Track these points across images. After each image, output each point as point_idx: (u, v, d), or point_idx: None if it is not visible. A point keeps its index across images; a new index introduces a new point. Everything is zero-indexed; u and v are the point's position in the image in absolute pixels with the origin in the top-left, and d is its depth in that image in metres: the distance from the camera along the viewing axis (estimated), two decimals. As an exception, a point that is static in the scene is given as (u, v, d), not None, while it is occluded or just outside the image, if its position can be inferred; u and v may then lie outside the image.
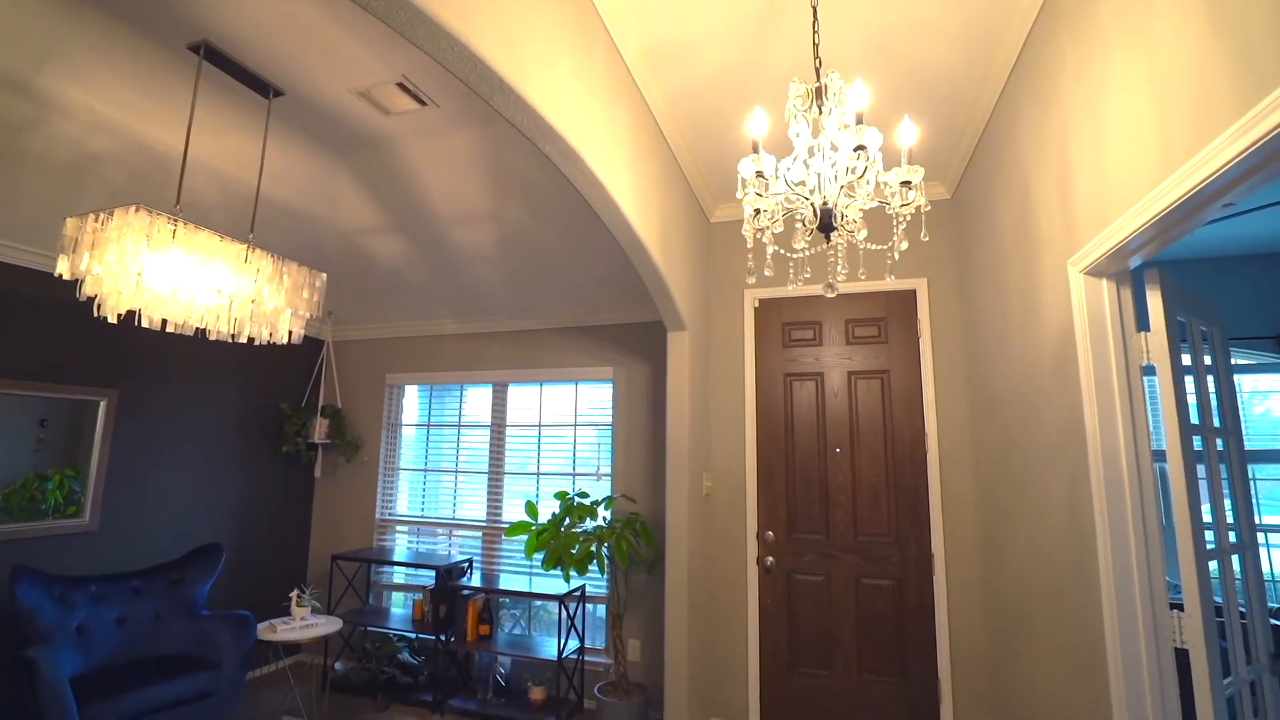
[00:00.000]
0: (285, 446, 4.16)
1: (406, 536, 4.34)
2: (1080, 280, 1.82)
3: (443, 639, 3.60)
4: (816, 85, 1.59)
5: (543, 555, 3.30)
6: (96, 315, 2.08)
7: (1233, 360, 4.38)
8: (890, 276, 1.61)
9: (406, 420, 4.53)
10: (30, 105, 2.43)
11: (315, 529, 4.51)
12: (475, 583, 3.71)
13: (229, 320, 2.41)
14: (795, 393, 3.46)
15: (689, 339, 3.14)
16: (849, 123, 1.52)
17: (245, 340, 2.55)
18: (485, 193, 3.31)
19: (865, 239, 1.58)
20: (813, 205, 1.51)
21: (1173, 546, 2.25)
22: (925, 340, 3.29)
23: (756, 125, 1.55)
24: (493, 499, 4.13)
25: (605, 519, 3.51)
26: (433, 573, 3.89)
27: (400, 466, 4.45)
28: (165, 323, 2.60)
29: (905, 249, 3.41)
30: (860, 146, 1.39)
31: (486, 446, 4.21)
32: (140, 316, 2.21)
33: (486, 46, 1.50)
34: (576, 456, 3.99)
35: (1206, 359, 1.94)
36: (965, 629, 3.05)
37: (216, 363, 3.89)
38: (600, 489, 3.87)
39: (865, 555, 3.24)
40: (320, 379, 4.61)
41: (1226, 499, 1.85)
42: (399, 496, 4.42)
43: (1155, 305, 1.70)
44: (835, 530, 3.29)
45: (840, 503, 3.30)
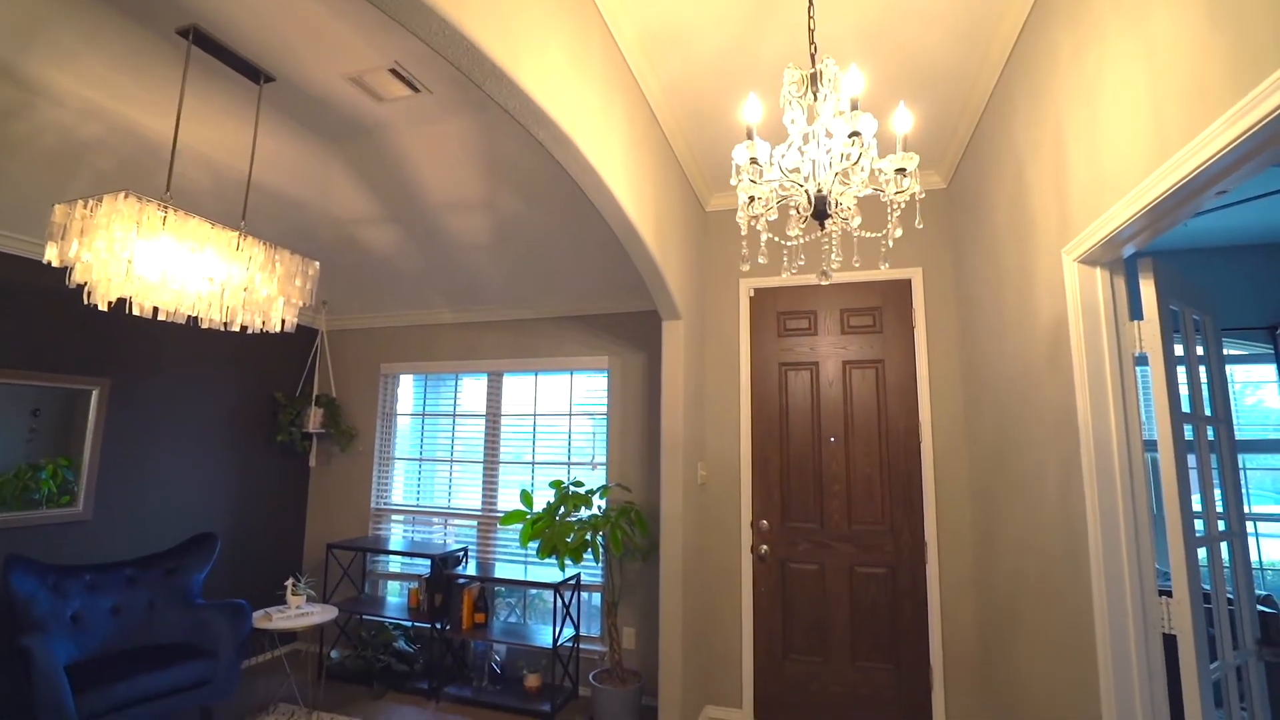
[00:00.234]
0: (280, 436, 4.16)
1: (402, 526, 4.34)
2: (1074, 269, 1.82)
3: (438, 627, 3.61)
4: (812, 71, 1.58)
5: (538, 544, 3.31)
6: (87, 303, 2.06)
7: (1225, 351, 4.41)
8: (885, 264, 1.60)
9: (402, 410, 4.52)
10: (16, 91, 2.40)
11: (310, 518, 4.51)
12: (470, 571, 3.72)
13: (221, 308, 2.39)
14: (790, 382, 3.46)
15: (684, 328, 3.13)
16: (844, 109, 1.51)
17: (238, 329, 2.54)
18: (480, 181, 3.29)
19: (859, 226, 1.58)
20: (807, 192, 1.50)
21: (1162, 535, 2.27)
22: (920, 330, 3.29)
23: (751, 111, 1.54)
24: (488, 488, 4.13)
25: (600, 508, 3.51)
26: (428, 561, 3.90)
27: (395, 456, 4.45)
28: (156, 311, 2.59)
29: (900, 236, 3.41)
30: (855, 133, 1.39)
31: (482, 436, 4.21)
32: (131, 304, 2.19)
33: (478, 30, 1.48)
34: (572, 446, 3.99)
35: (1199, 349, 1.95)
36: (957, 616, 3.08)
37: (209, 352, 3.87)
38: (595, 478, 3.88)
39: (859, 544, 3.26)
40: (314, 368, 4.60)
41: (1216, 488, 1.86)
42: (394, 486, 4.43)
43: (1148, 294, 1.70)
44: (829, 519, 3.31)
45: (834, 492, 3.32)
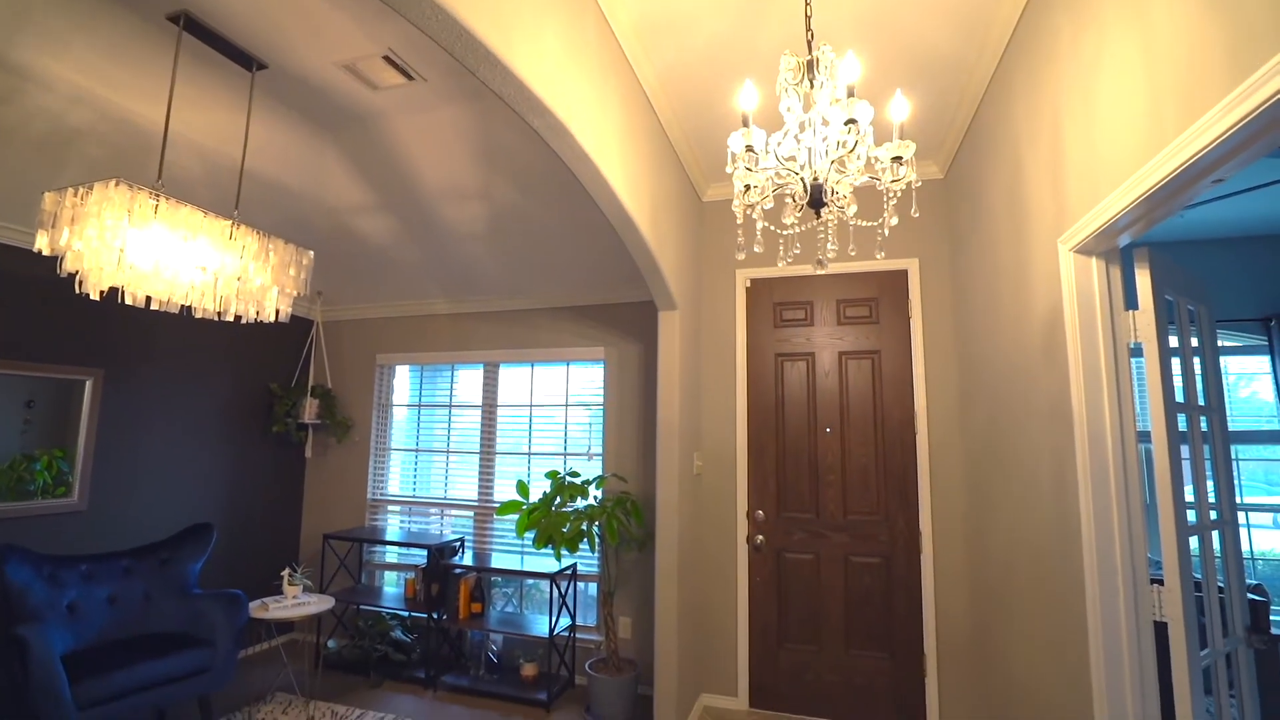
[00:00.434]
0: (275, 427, 4.15)
1: (398, 516, 4.35)
2: (1070, 258, 1.82)
3: (435, 617, 3.63)
4: (808, 58, 1.57)
5: (534, 534, 3.32)
6: (78, 292, 2.05)
7: (1220, 342, 4.42)
8: (880, 254, 1.60)
9: (398, 400, 4.51)
10: (4, 76, 2.37)
11: (307, 509, 4.51)
12: (467, 561, 3.73)
13: (214, 298, 2.38)
14: (786, 373, 3.46)
15: (680, 318, 3.13)
16: (840, 97, 1.50)
17: (232, 319, 2.53)
18: (475, 170, 3.27)
19: (855, 215, 1.57)
20: (803, 181, 1.50)
21: (1155, 524, 2.29)
22: (916, 320, 3.30)
23: (747, 99, 1.53)
24: (484, 479, 4.14)
25: (596, 498, 3.52)
26: (425, 552, 3.91)
27: (391, 447, 4.45)
28: (149, 300, 2.57)
29: (896, 226, 3.41)
30: (851, 120, 1.38)
31: (478, 427, 4.21)
32: (123, 294, 2.18)
33: (471, 15, 1.47)
34: (568, 437, 3.99)
35: (1194, 340, 1.95)
36: (951, 604, 3.10)
37: (204, 342, 3.85)
38: (591, 468, 3.88)
39: (854, 534, 3.27)
40: (310, 359, 4.59)
41: (1209, 478, 1.87)
42: (390, 476, 4.43)
43: (1144, 283, 1.70)
44: (825, 509, 3.32)
45: (830, 482, 3.33)
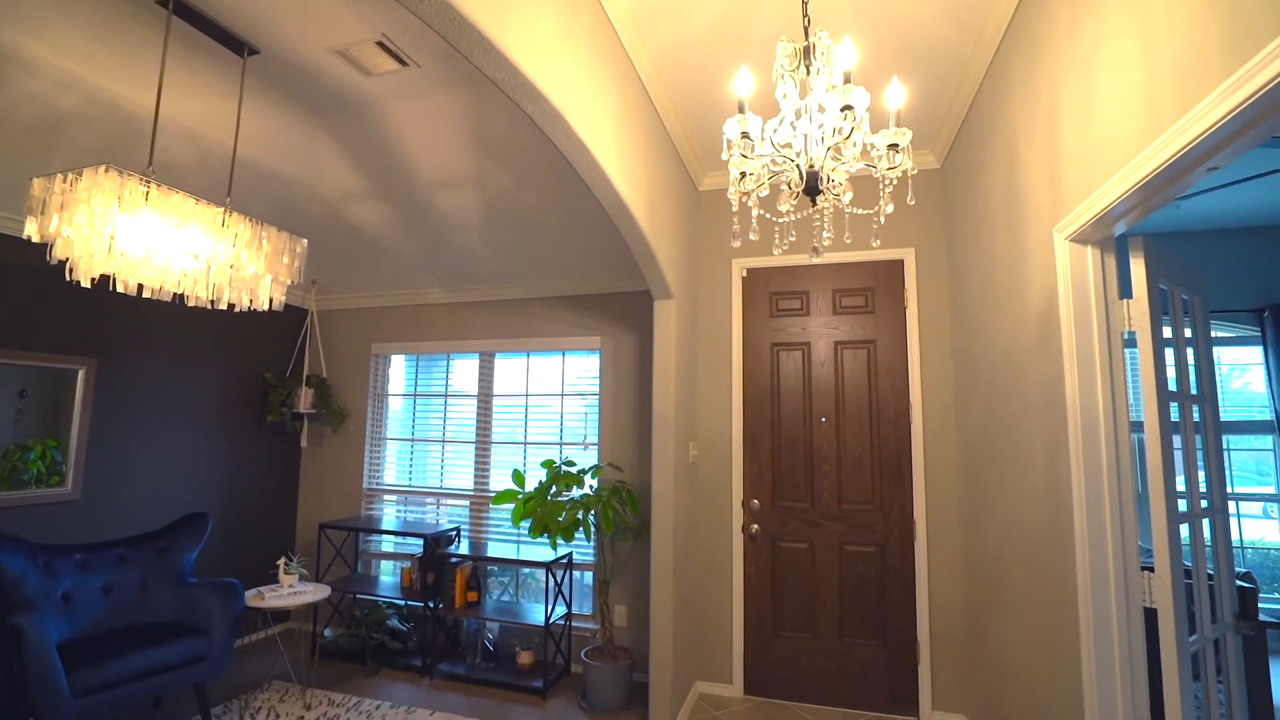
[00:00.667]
0: (270, 416, 4.14)
1: (394, 506, 4.35)
2: (1066, 247, 1.82)
3: (431, 606, 3.64)
4: (805, 44, 1.56)
5: (529, 523, 3.32)
6: (69, 279, 2.03)
7: (1214, 333, 4.44)
8: (876, 242, 1.60)
9: (393, 390, 4.51)
10: (-8, 60, 2.34)
11: (302, 498, 4.51)
12: (463, 551, 3.74)
13: (207, 286, 2.36)
14: (782, 362, 3.47)
15: (676, 308, 3.12)
16: (836, 83, 1.49)
17: (225, 307, 2.51)
18: (470, 158, 3.25)
19: (851, 203, 1.57)
20: (799, 168, 1.49)
21: (1146, 513, 2.30)
22: (912, 310, 3.30)
23: (743, 85, 1.52)
24: (480, 468, 4.14)
25: (592, 487, 3.53)
26: (421, 541, 3.92)
27: (387, 436, 4.45)
28: (141, 288, 2.55)
29: (892, 214, 3.40)
30: (847, 106, 1.37)
31: (474, 416, 4.21)
32: (115, 281, 2.16)
33: (465, -1, 1.45)
34: (564, 426, 3.99)
35: (1187, 331, 1.96)
36: (945, 592, 3.12)
37: (198, 331, 3.83)
38: (587, 458, 3.89)
39: (849, 523, 3.29)
40: (304, 348, 4.57)
41: (1200, 469, 1.88)
42: (386, 466, 4.42)
43: (1138, 272, 1.71)
44: (820, 498, 3.33)
45: (825, 471, 3.34)
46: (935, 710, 3.08)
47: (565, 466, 3.47)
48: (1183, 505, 1.72)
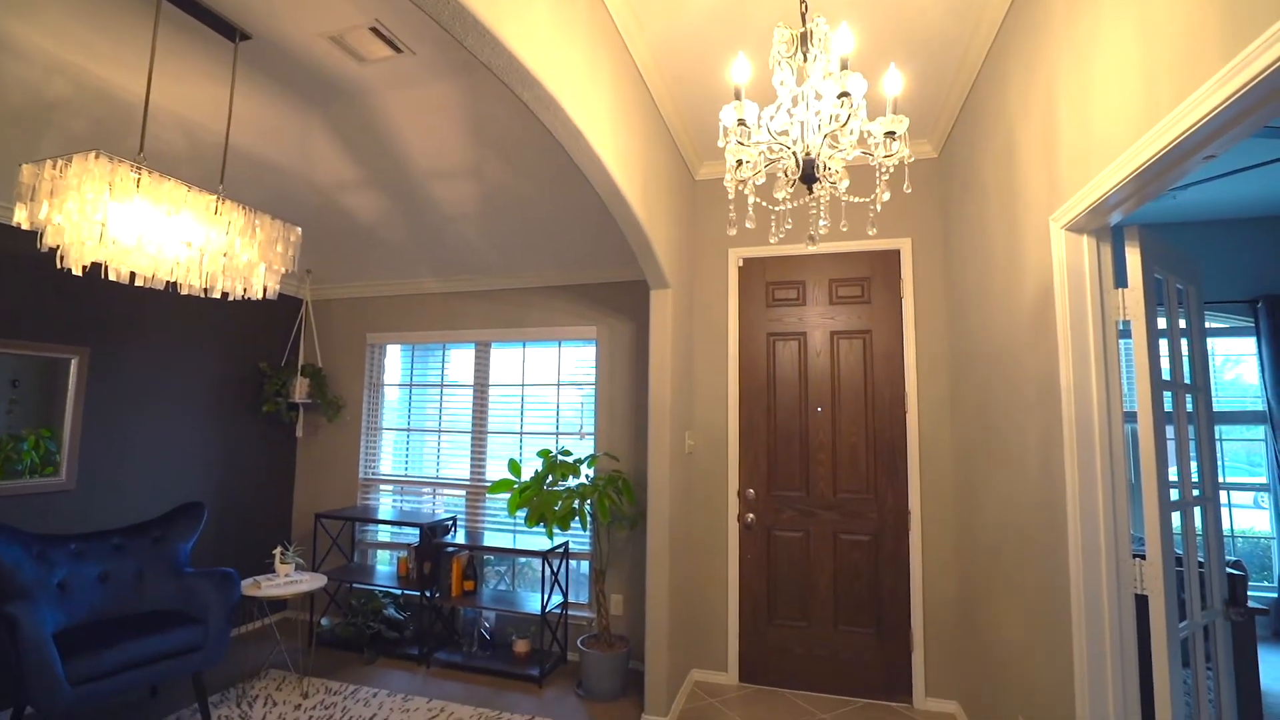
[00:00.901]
0: (266, 406, 4.12)
1: (391, 495, 4.35)
2: (1061, 236, 1.82)
3: (428, 595, 3.65)
4: (802, 31, 1.54)
5: (526, 512, 3.33)
6: (60, 267, 2.01)
7: (1207, 324, 4.46)
8: (872, 230, 1.59)
9: (389, 380, 4.50)
10: (-21, 45, 2.30)
11: (298, 488, 4.50)
12: (459, 540, 3.75)
13: (200, 274, 2.34)
14: (778, 352, 3.47)
15: (672, 297, 3.12)
16: (833, 70, 1.48)
17: (219, 295, 2.49)
18: (465, 148, 3.22)
19: (847, 190, 1.56)
20: (795, 155, 1.48)
21: (1138, 503, 2.32)
22: (908, 300, 3.30)
23: (739, 72, 1.50)
24: (476, 458, 4.14)
25: (588, 477, 3.53)
26: (417, 530, 3.92)
27: (383, 426, 4.44)
28: (133, 276, 2.53)
29: (889, 203, 3.40)
30: (844, 93, 1.36)
31: (470, 406, 4.21)
32: (106, 269, 2.15)
33: (459, -18, 1.43)
34: (560, 416, 3.99)
35: (1181, 322, 1.96)
36: (938, 580, 3.15)
37: (192, 320, 3.81)
38: (583, 447, 3.89)
39: (844, 512, 3.30)
40: (299, 338, 4.55)
41: (1193, 459, 1.90)
42: (382, 456, 4.42)
43: (1134, 261, 1.71)
44: (815, 488, 3.35)
45: (820, 460, 3.35)
46: (928, 697, 3.11)
47: (561, 456, 3.47)
48: (1174, 494, 1.73)
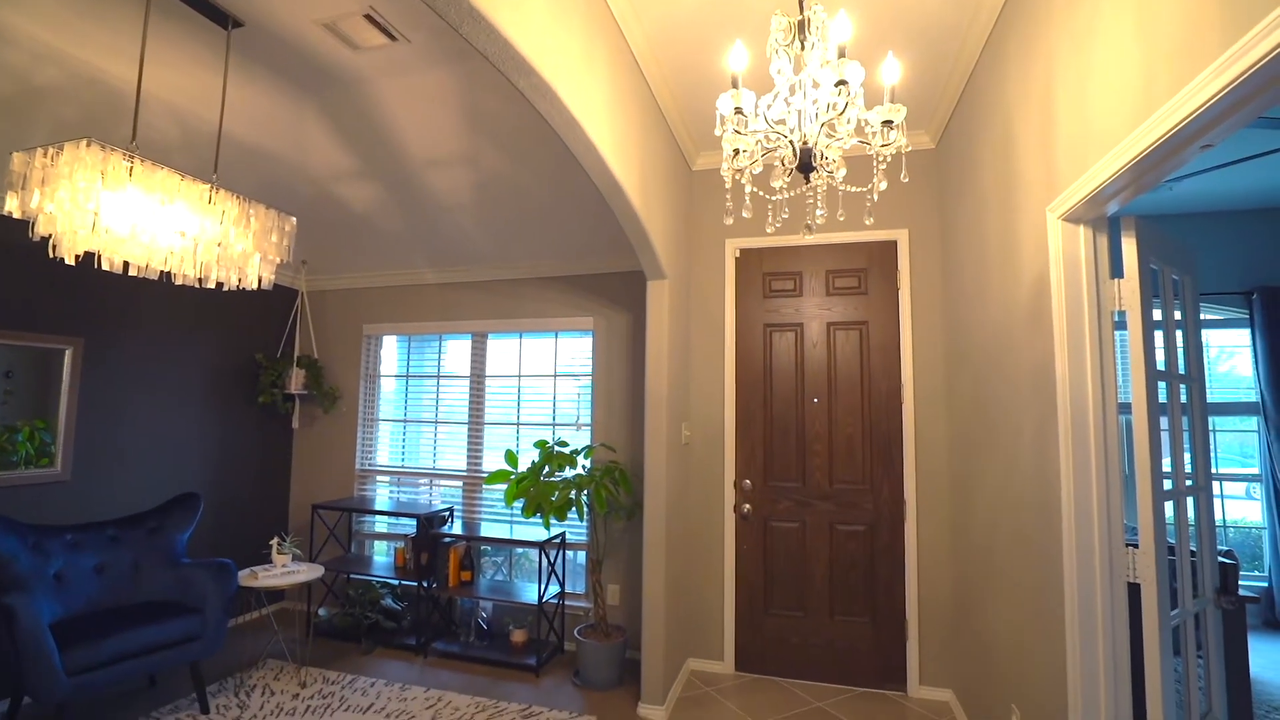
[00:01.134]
0: (262, 397, 4.12)
1: (387, 486, 4.35)
2: (1058, 226, 1.82)
3: (425, 585, 3.66)
4: (800, 18, 1.53)
5: (522, 503, 3.34)
6: (52, 256, 2.00)
7: (1202, 315, 4.47)
8: (869, 220, 1.59)
9: (385, 371, 4.49)
10: (-32, 31, 2.27)
11: (295, 479, 4.50)
12: (456, 531, 3.76)
13: (194, 264, 2.33)
14: (774, 343, 3.47)
15: (669, 288, 3.11)
16: (831, 59, 1.47)
17: (213, 285, 2.48)
18: (461, 137, 3.20)
19: (844, 179, 1.56)
20: (792, 144, 1.48)
21: (1132, 493, 2.33)
22: (905, 291, 3.30)
23: (736, 60, 1.50)
24: (473, 449, 4.14)
25: (585, 467, 3.54)
26: (414, 521, 3.93)
27: (379, 417, 4.44)
28: (127, 266, 2.52)
29: (886, 192, 3.39)
30: (842, 81, 1.36)
31: (466, 397, 4.20)
32: (100, 259, 2.13)
33: (454, -32, 1.42)
34: (556, 407, 3.99)
35: (1177, 314, 1.97)
36: (933, 570, 3.17)
37: (187, 311, 3.79)
38: (580, 438, 3.90)
39: (839, 502, 3.32)
40: (295, 329, 4.53)
41: (1186, 450, 1.90)
42: (379, 447, 4.42)
43: (1130, 251, 1.71)
44: (811, 478, 3.36)
45: (817, 451, 3.36)
46: (923, 685, 3.14)
47: (558, 447, 3.47)
48: (1168, 484, 1.74)
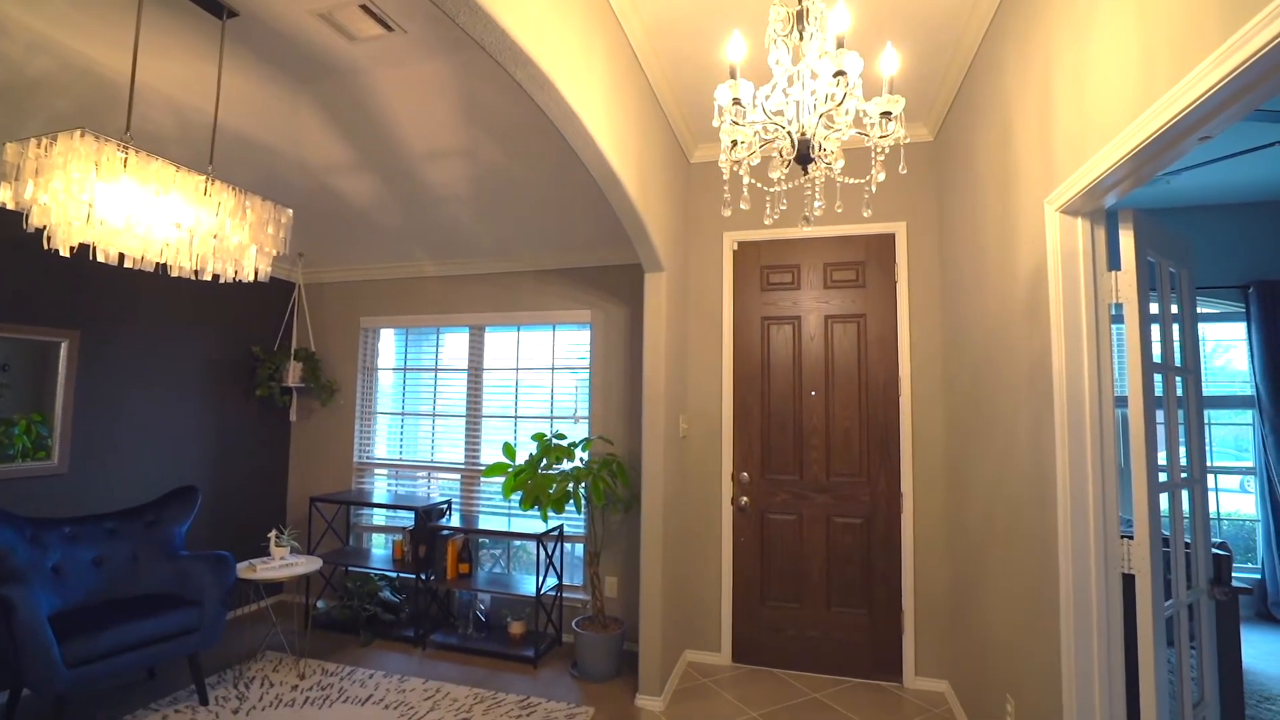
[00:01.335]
0: (259, 390, 4.11)
1: (385, 479, 4.36)
2: (1056, 219, 1.82)
3: (423, 578, 3.67)
4: (798, 8, 1.53)
5: (520, 496, 3.34)
6: (47, 248, 1.99)
7: (1199, 309, 4.48)
8: (867, 212, 1.59)
9: (383, 364, 4.48)
10: (-41, 20, 2.25)
11: (293, 472, 4.50)
12: (454, 523, 3.76)
13: (190, 256, 2.32)
14: (772, 336, 3.47)
15: (667, 281, 3.11)
16: (829, 49, 1.47)
17: (210, 277, 2.47)
18: (458, 129, 3.19)
19: (842, 170, 1.56)
20: (790, 135, 1.47)
21: (1128, 485, 2.34)
22: (902, 284, 3.30)
23: (735, 50, 1.49)
24: (471, 442, 4.14)
25: (583, 460, 3.54)
26: (412, 514, 3.93)
27: (377, 410, 4.43)
28: (122, 258, 2.51)
29: (884, 184, 3.38)
30: (840, 71, 1.35)
31: (464, 390, 4.20)
32: (95, 251, 2.12)
33: (450, -44, 1.41)
34: (554, 399, 3.99)
35: (1174, 308, 1.97)
36: (929, 562, 3.18)
37: (184, 304, 3.78)
38: (578, 431, 3.90)
39: (836, 495, 3.33)
40: (292, 322, 4.52)
41: (1181, 443, 1.91)
42: (377, 440, 4.42)
43: (1127, 243, 1.71)
44: (808, 471, 3.37)
45: (814, 444, 3.37)
46: (918, 676, 3.16)
47: (556, 439, 3.48)
48: (1163, 476, 1.75)
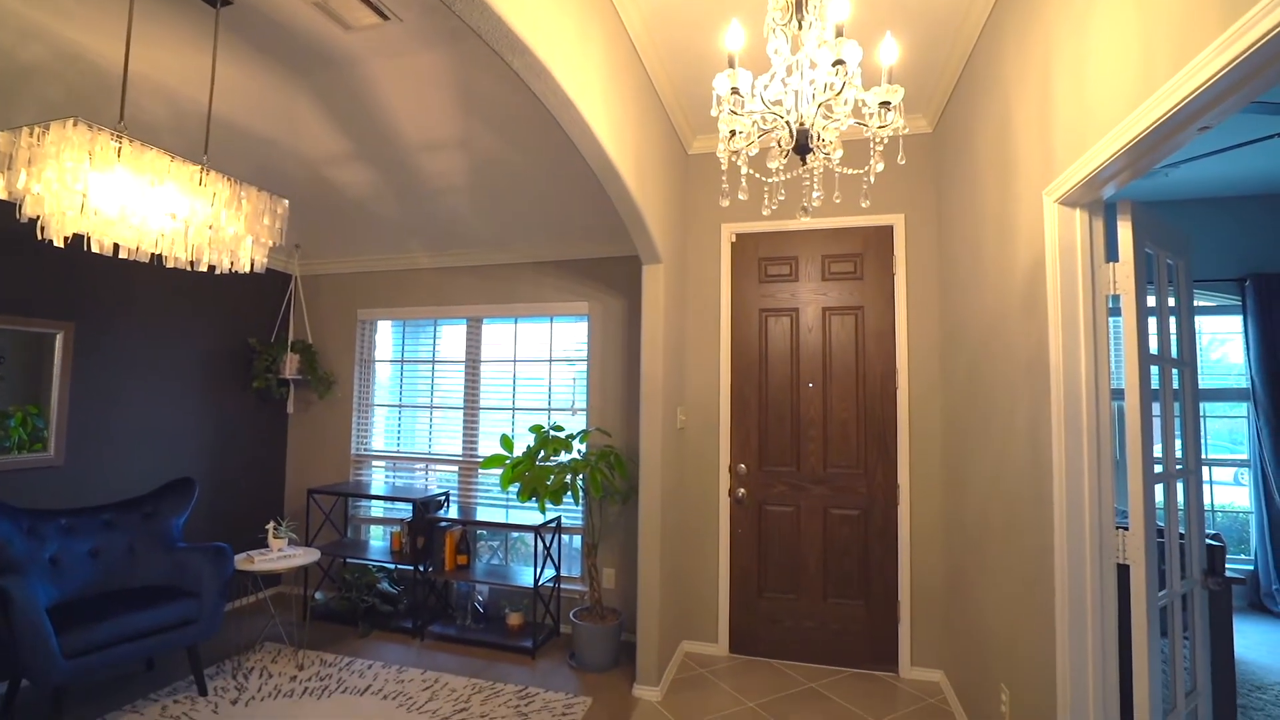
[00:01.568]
0: (256, 382, 4.10)
1: (383, 471, 4.36)
2: (1054, 210, 1.82)
3: (421, 569, 3.68)
4: (797, -3, 1.52)
5: (518, 487, 3.34)
6: (41, 238, 1.98)
7: (1195, 302, 4.49)
8: (866, 202, 1.58)
9: (380, 356, 4.47)
10: (-50, 7, 2.23)
11: (290, 464, 4.50)
12: (452, 515, 3.77)
13: (186, 246, 2.31)
14: (770, 328, 3.47)
15: (664, 272, 3.10)
16: (828, 38, 1.46)
17: (205, 268, 2.46)
18: (455, 119, 3.17)
19: (841, 161, 1.55)
20: (789, 125, 1.47)
21: (1123, 476, 2.35)
22: (900, 276, 3.30)
23: (733, 39, 1.48)
24: (468, 434, 4.14)
25: (580, 452, 3.55)
26: (410, 506, 3.94)
27: (375, 402, 4.43)
28: (117, 248, 2.49)
29: (883, 180, 3.37)
30: (839, 61, 1.34)
31: (461, 382, 4.20)
32: (89, 241, 2.11)
33: (446, -57, 1.39)
34: (552, 391, 3.99)
35: (1171, 300, 1.98)
36: (926, 553, 3.20)
37: (179, 295, 3.76)
38: (576, 423, 3.90)
39: (834, 487, 3.34)
40: (289, 314, 4.51)
41: (1177, 436, 1.92)
42: (374, 432, 4.42)
43: (1125, 234, 1.71)
44: (806, 463, 3.38)
45: (811, 436, 3.37)
46: (914, 666, 3.18)
47: (553, 431, 3.48)
48: (1158, 468, 1.75)
